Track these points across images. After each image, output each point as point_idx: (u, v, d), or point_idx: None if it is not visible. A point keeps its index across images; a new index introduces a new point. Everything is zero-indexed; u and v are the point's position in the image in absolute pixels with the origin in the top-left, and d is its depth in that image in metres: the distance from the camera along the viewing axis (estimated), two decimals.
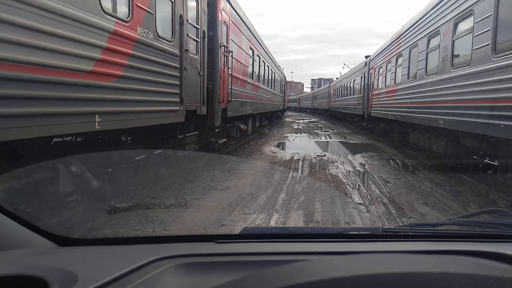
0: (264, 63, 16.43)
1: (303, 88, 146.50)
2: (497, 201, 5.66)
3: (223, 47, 8.22)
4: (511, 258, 0.99)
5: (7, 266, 0.93)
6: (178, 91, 5.67)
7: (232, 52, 9.03)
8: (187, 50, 6.00)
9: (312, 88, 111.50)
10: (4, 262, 0.98)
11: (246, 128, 12.40)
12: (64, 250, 1.21)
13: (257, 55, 14.27)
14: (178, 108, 5.68)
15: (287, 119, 34.32)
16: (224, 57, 8.37)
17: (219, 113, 7.97)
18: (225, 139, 9.37)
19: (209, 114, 7.46)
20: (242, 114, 11.32)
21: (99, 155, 4.38)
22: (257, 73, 14.44)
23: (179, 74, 5.67)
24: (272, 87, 20.28)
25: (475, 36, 6.24)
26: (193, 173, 7.01)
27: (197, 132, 6.99)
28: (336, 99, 30.81)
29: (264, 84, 16.60)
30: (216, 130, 8.22)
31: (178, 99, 5.66)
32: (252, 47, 13.02)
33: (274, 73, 21.07)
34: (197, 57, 6.65)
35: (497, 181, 5.99)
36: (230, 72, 8.93)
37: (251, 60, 12.89)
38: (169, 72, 5.34)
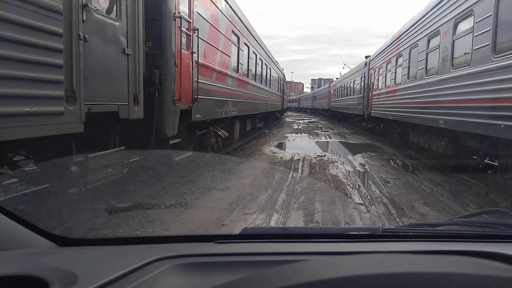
0: (256, 55, 13.58)
1: (303, 88, 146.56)
2: (497, 201, 5.66)
3: (180, 20, 5.65)
4: (511, 258, 0.99)
5: (7, 266, 0.93)
6: (61, 78, 3.27)
7: (198, 30, 6.44)
8: (87, 6, 3.63)
9: (312, 88, 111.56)
10: (4, 262, 0.98)
11: (227, 135, 9.14)
12: (64, 250, 1.21)
13: (245, 44, 11.48)
14: (60, 108, 3.28)
15: (287, 119, 34.33)
16: (184, 36, 5.90)
17: (173, 116, 5.57)
18: (189, 154, 6.73)
19: (156, 118, 5.14)
20: (221, 116, 8.61)
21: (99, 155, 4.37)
22: (245, 66, 11.71)
23: (62, 46, 3.28)
24: (267, 85, 17.66)
25: (475, 36, 6.24)
26: (193, 173, 7.01)
27: (122, 148, 4.48)
28: (336, 99, 30.82)
29: (255, 80, 13.72)
30: (173, 142, 5.80)
31: (60, 92, 3.28)
32: (238, 32, 10.29)
33: (270, 68, 18.35)
34: (118, 23, 4.26)
35: (497, 181, 5.99)
36: (197, 59, 6.46)
37: (235, 49, 10.16)
38: (27, 38, 2.92)
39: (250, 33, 12.48)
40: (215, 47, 7.97)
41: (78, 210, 3.85)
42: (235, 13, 9.87)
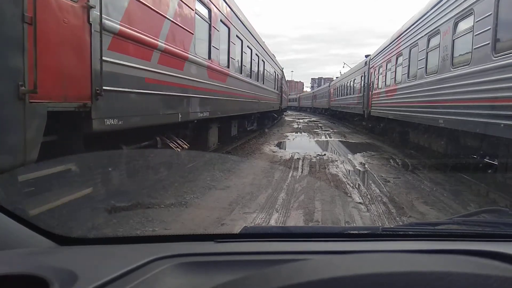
0: (242, 41, 10.74)
1: (303, 88, 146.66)
2: (497, 200, 5.66)
3: None
4: (511, 258, 0.99)
5: (7, 265, 0.93)
6: None
7: None
8: None
9: (312, 87, 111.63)
10: (4, 262, 0.98)
11: (187, 146, 6.27)
12: (64, 249, 1.21)
13: (224, 24, 8.55)
14: None
15: (287, 118, 34.33)
16: None
17: (20, 126, 2.80)
18: (86, 191, 3.67)
19: None
20: (174, 120, 5.74)
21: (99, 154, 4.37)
22: (224, 53, 8.78)
23: None
24: (260, 80, 14.68)
25: (475, 35, 6.24)
26: (193, 172, 7.01)
27: None
28: (336, 98, 30.81)
29: (241, 73, 10.86)
30: (31, 176, 3.10)
31: None
32: (209, 3, 7.37)
33: (263, 61, 15.36)
34: None
35: (497, 181, 5.99)
36: (101, 19, 3.68)
37: (205, 27, 7.26)
38: None
39: (233, 11, 9.43)
40: (157, 12, 5.05)
41: (78, 209, 3.85)
42: None
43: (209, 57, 7.49)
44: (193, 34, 6.37)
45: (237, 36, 10.05)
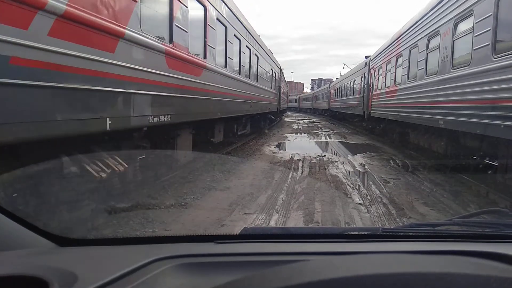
0: (226, 28, 8.81)
1: (303, 88, 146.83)
2: (497, 201, 5.66)
3: None
4: (511, 258, 0.99)
5: (7, 266, 0.93)
6: None
7: None
8: None
9: (312, 88, 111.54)
10: (4, 262, 0.98)
11: (123, 168, 4.25)
12: (64, 250, 1.21)
13: (197, 0, 6.56)
14: None
15: (287, 119, 34.33)
16: None
17: None
18: None
19: None
20: (93, 129, 3.63)
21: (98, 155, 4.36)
22: (198, 39, 6.81)
23: None
24: (252, 77, 12.88)
25: (475, 36, 6.24)
26: (192, 173, 7.01)
27: None
28: (336, 99, 30.82)
29: (226, 67, 8.84)
30: None
31: None
32: None
33: (257, 56, 13.62)
34: None
35: (497, 181, 5.99)
36: None
37: None
38: None
39: None
40: None
41: (78, 209, 3.85)
42: None
43: (170, 40, 5.41)
44: (136, 1, 4.34)
45: (218, 20, 7.92)
